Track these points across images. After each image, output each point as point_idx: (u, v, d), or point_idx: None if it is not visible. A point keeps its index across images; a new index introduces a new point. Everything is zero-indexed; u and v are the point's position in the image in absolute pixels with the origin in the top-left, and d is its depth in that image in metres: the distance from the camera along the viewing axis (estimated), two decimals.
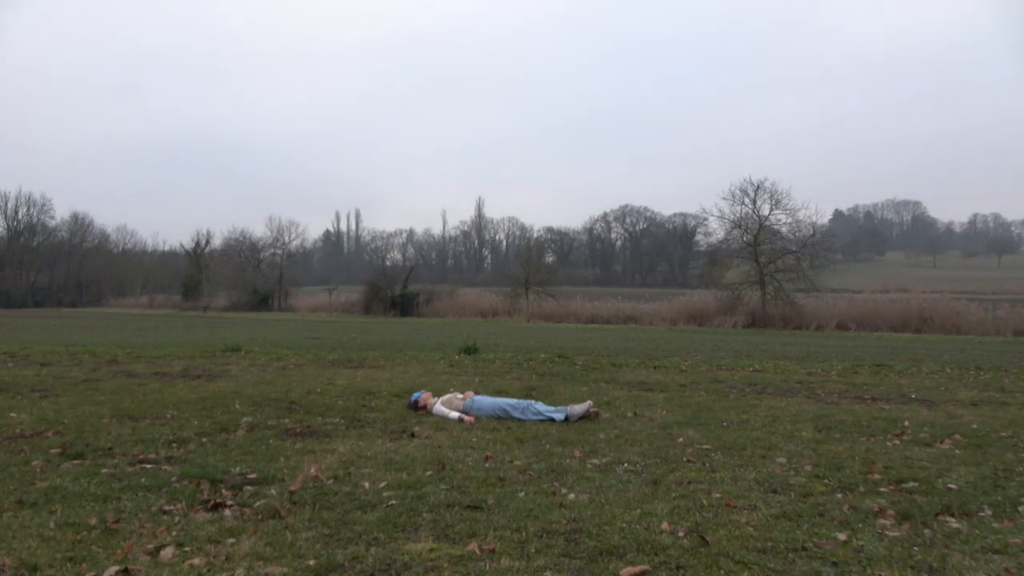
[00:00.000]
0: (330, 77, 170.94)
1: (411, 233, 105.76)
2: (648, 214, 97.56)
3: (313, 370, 9.97)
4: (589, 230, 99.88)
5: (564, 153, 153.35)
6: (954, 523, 3.26)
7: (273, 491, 3.65)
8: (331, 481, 3.85)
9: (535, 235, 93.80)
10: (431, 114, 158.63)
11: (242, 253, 65.80)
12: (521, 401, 6.19)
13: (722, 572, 2.69)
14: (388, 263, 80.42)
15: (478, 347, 13.45)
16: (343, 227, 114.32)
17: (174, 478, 3.86)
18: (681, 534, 3.06)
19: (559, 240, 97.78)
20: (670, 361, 12.11)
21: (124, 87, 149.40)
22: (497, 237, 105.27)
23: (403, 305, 48.50)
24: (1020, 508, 3.49)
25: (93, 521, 3.15)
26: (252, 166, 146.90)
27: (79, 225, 78.50)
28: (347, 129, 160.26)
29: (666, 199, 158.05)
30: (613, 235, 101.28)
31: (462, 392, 6.70)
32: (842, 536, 3.07)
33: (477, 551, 2.84)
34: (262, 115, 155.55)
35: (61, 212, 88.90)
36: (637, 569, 2.67)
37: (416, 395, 6.46)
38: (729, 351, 16.34)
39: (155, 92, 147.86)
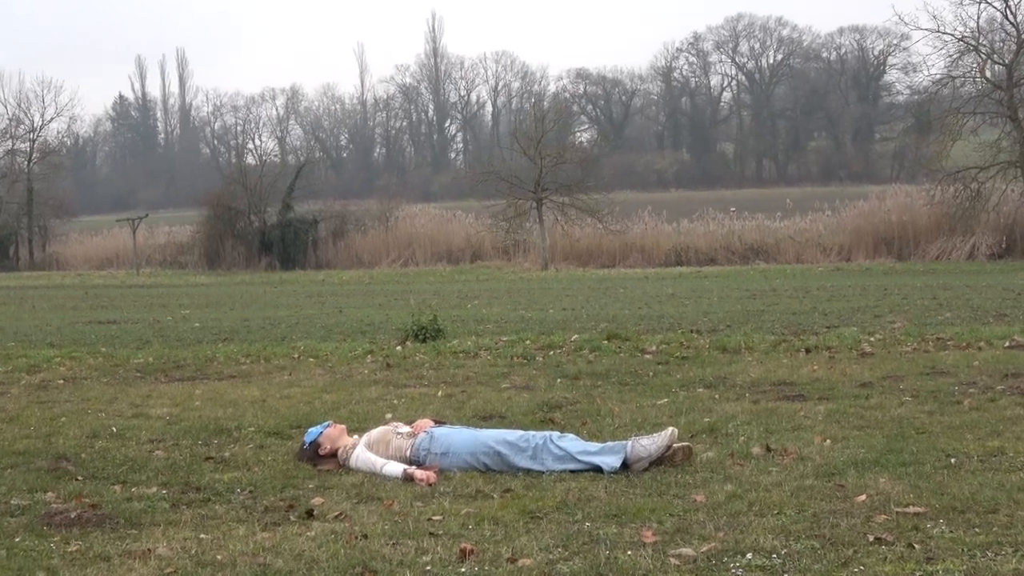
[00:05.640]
0: None
1: (294, 96, 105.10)
2: (784, 34, 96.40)
3: (104, 389, 10.03)
4: (665, 73, 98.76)
5: None
6: None
7: None
8: None
9: (553, 88, 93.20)
10: None
11: None
12: (532, 434, 6.21)
13: None
14: (250, 161, 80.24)
15: (442, 326, 13.51)
16: (154, 90, 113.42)
17: None
18: None
19: (603, 97, 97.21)
20: (839, 335, 12.10)
21: None
22: (475, 97, 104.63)
23: (285, 246, 48.67)
24: None
25: None
26: None
27: None
28: None
29: (821, 5, 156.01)
30: (714, 81, 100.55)
31: (409, 422, 6.70)
32: None
33: None
34: None
35: None
36: None
37: (315, 431, 6.48)
38: (963, 308, 16.33)
39: None
